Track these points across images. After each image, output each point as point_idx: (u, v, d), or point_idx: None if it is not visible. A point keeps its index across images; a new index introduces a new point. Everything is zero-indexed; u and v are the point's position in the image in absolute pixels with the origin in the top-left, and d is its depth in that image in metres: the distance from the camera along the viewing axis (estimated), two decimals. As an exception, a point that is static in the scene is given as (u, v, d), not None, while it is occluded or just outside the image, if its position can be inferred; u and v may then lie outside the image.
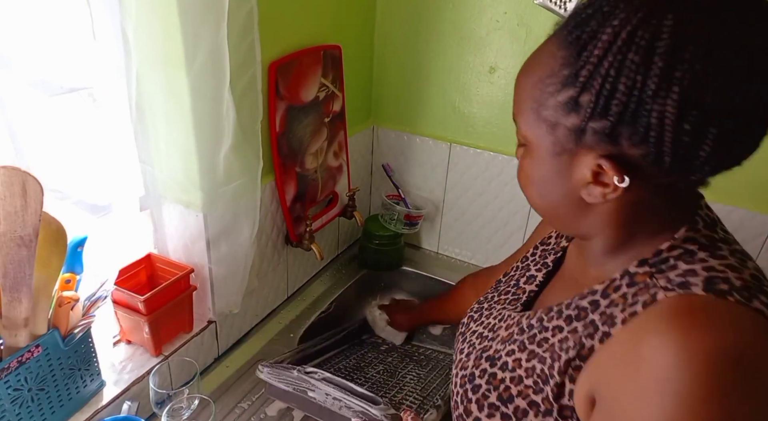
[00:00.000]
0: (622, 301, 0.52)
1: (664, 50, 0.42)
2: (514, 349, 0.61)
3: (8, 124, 0.75)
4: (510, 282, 0.75)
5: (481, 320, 0.72)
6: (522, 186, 0.58)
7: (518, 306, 0.69)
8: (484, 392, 0.62)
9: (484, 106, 1.30)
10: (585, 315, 0.55)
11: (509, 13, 1.18)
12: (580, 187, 0.51)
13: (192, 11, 0.77)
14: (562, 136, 0.50)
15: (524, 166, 0.56)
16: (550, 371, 0.55)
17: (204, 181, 0.89)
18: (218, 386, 1.02)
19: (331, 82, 1.18)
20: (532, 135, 0.53)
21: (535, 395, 0.57)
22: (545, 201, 0.56)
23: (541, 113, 0.51)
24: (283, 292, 1.27)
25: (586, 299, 0.56)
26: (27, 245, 0.67)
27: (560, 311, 0.58)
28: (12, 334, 0.72)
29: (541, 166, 0.53)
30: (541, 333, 0.59)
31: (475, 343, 0.69)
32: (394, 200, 1.41)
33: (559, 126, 0.49)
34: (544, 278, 0.70)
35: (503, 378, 0.61)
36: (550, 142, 0.51)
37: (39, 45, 0.77)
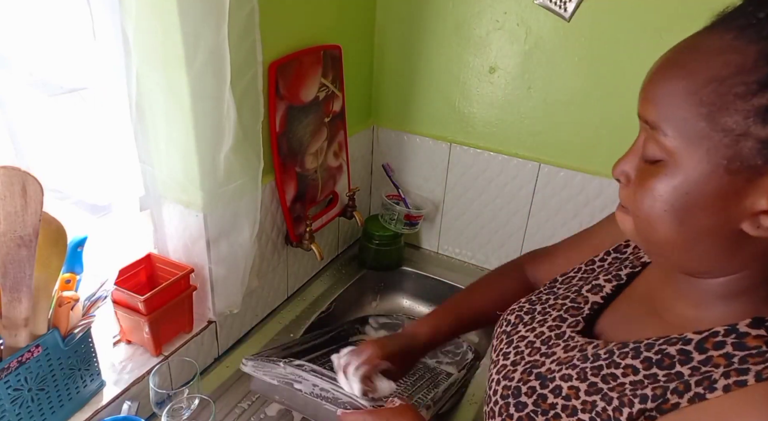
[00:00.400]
0: (725, 363, 0.44)
1: None
2: (571, 375, 0.54)
3: (8, 124, 0.75)
4: (570, 286, 0.67)
5: (533, 326, 0.64)
6: (645, 211, 0.46)
7: (579, 319, 0.61)
8: (530, 413, 0.56)
9: (484, 106, 1.30)
10: (670, 364, 0.47)
11: (509, 13, 1.18)
12: (747, 216, 0.41)
13: (192, 11, 0.77)
14: (749, 149, 0.40)
15: (657, 187, 0.45)
16: (615, 415, 0.48)
17: (204, 181, 0.89)
18: (218, 386, 1.02)
19: (331, 82, 1.18)
20: (692, 148, 0.42)
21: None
22: (683, 230, 0.45)
23: (719, 120, 0.40)
24: (283, 292, 1.27)
25: (674, 346, 0.48)
26: (27, 244, 0.67)
27: (638, 349, 0.50)
28: (12, 334, 0.71)
29: (694, 186, 0.43)
30: (610, 368, 0.52)
31: (524, 352, 0.62)
32: (394, 200, 1.41)
33: (749, 137, 0.39)
34: (613, 290, 0.62)
35: (554, 404, 0.54)
36: (724, 157, 0.41)
37: (39, 45, 0.77)
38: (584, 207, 1.27)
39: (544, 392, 0.56)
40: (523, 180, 1.31)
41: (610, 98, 1.14)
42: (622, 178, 0.49)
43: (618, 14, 1.07)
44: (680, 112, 0.42)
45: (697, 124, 0.41)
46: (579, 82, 1.16)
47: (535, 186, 1.30)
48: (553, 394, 0.55)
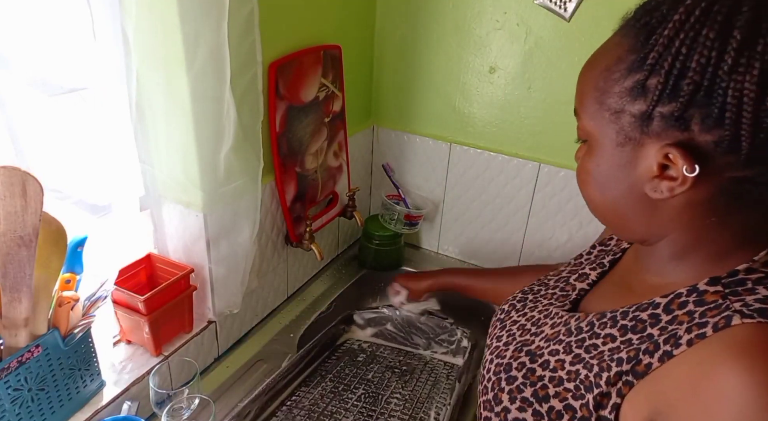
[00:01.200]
0: (687, 319, 0.47)
1: (744, 23, 0.39)
2: (558, 349, 0.59)
3: (8, 124, 0.75)
4: (560, 278, 0.72)
5: (524, 312, 0.69)
6: (581, 186, 0.55)
7: (566, 303, 0.66)
8: (519, 386, 0.60)
9: (484, 106, 1.30)
10: (642, 328, 0.51)
11: (509, 13, 1.18)
12: (645, 182, 0.48)
13: (192, 11, 0.77)
14: (627, 124, 0.47)
15: (584, 164, 0.53)
16: (596, 380, 0.52)
17: (204, 182, 0.89)
18: (218, 386, 1.02)
19: (331, 82, 1.18)
20: (594, 126, 0.50)
21: (574, 400, 0.54)
22: (606, 199, 0.53)
23: (605, 101, 0.48)
24: (283, 292, 1.27)
25: (645, 312, 0.52)
26: (27, 245, 0.67)
27: (614, 318, 0.55)
28: (12, 334, 0.72)
29: (602, 160, 0.50)
30: (591, 339, 0.56)
31: (515, 333, 0.66)
32: (394, 200, 1.41)
33: (624, 113, 0.47)
34: (598, 277, 0.67)
35: (542, 376, 0.58)
36: (613, 131, 0.48)
37: (39, 45, 0.77)
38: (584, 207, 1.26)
39: (533, 366, 0.60)
40: (523, 180, 1.31)
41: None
42: (577, 161, 0.56)
43: (618, 14, 1.06)
44: (586, 99, 0.51)
45: (594, 106, 0.50)
46: (579, 82, 1.16)
47: (535, 186, 1.30)
48: (541, 368, 0.59)
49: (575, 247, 1.31)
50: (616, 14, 0.52)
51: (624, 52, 0.47)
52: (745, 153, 0.42)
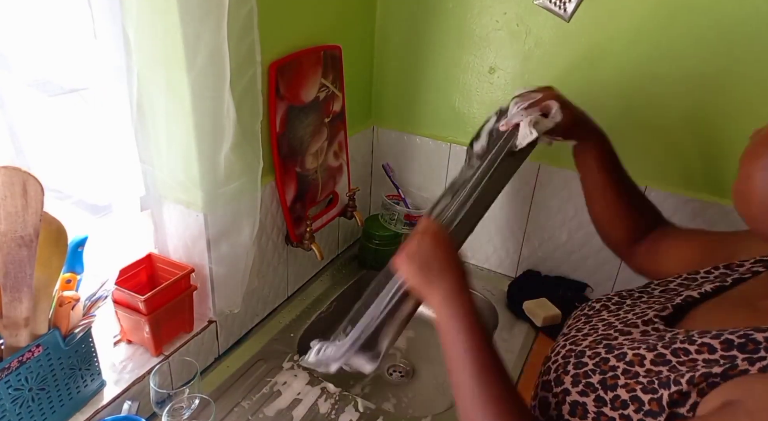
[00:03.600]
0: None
1: None
2: (640, 346, 0.56)
3: (9, 124, 0.75)
4: (667, 289, 0.67)
5: (618, 313, 0.65)
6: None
7: (668, 306, 0.62)
8: (588, 371, 0.57)
9: (484, 106, 1.30)
10: (754, 350, 0.48)
11: (509, 13, 1.18)
12: None
13: (192, 11, 0.77)
14: None
15: None
16: (676, 378, 0.50)
17: (204, 182, 0.89)
18: (218, 385, 1.02)
19: (331, 83, 1.18)
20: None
21: (644, 393, 0.52)
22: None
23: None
24: (283, 292, 1.27)
25: (763, 334, 0.48)
26: (27, 244, 0.67)
27: (720, 334, 0.51)
28: (12, 334, 0.72)
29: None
30: (683, 344, 0.53)
31: (599, 328, 0.63)
32: (394, 200, 1.41)
33: None
34: (713, 290, 0.62)
35: (615, 366, 0.56)
36: None
37: (39, 45, 0.77)
38: (584, 207, 1.26)
39: (608, 356, 0.56)
40: (523, 180, 1.31)
41: (609, 98, 1.14)
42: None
43: (618, 14, 1.07)
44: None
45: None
46: (579, 82, 1.16)
47: (535, 186, 1.30)
48: (616, 359, 0.55)
49: (575, 247, 1.31)
50: (616, 14, 0.51)
51: None
52: None
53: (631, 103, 1.12)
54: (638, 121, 1.13)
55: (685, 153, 1.13)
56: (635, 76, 1.10)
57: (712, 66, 1.03)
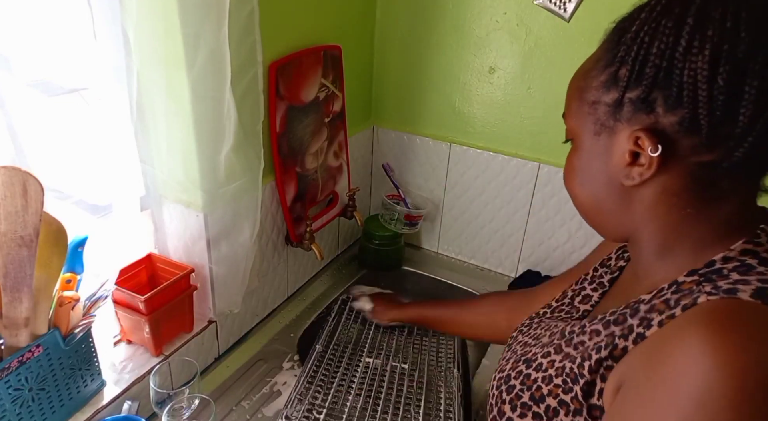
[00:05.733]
0: (663, 306, 0.49)
1: (696, 10, 0.44)
2: (550, 351, 0.61)
3: (9, 124, 0.75)
4: (564, 300, 0.73)
5: (530, 332, 0.71)
6: (566, 182, 0.59)
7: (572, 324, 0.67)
8: (518, 393, 0.61)
9: (484, 106, 1.30)
10: (624, 320, 0.53)
11: (509, 13, 1.18)
12: (620, 170, 0.50)
13: (193, 11, 0.77)
14: (603, 113, 0.51)
15: (569, 160, 0.57)
16: (579, 370, 0.54)
17: (204, 181, 0.89)
18: (218, 385, 1.02)
19: (331, 83, 1.18)
20: (576, 122, 0.55)
21: (565, 394, 0.56)
22: (587, 193, 0.56)
23: (584, 97, 0.53)
24: (283, 292, 1.27)
25: (630, 307, 0.54)
26: (28, 244, 0.67)
27: (603, 317, 0.57)
28: (12, 334, 0.72)
29: (583, 153, 0.54)
30: (579, 336, 0.58)
31: (517, 350, 0.69)
32: (394, 200, 1.41)
33: (600, 104, 0.51)
34: (600, 297, 0.68)
35: (536, 378, 0.60)
36: (591, 122, 0.52)
37: (39, 45, 0.77)
38: (584, 207, 1.27)
39: (529, 371, 0.62)
40: (523, 180, 1.31)
41: (609, 98, 1.14)
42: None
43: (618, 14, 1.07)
44: (570, 100, 0.56)
45: (575, 104, 0.55)
46: (579, 83, 1.16)
47: (535, 186, 1.31)
48: (535, 371, 0.61)
49: (575, 247, 1.31)
50: (616, 14, 0.53)
51: (601, 53, 0.52)
52: (705, 133, 0.45)
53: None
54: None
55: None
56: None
57: None
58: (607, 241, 0.75)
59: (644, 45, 0.46)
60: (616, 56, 0.49)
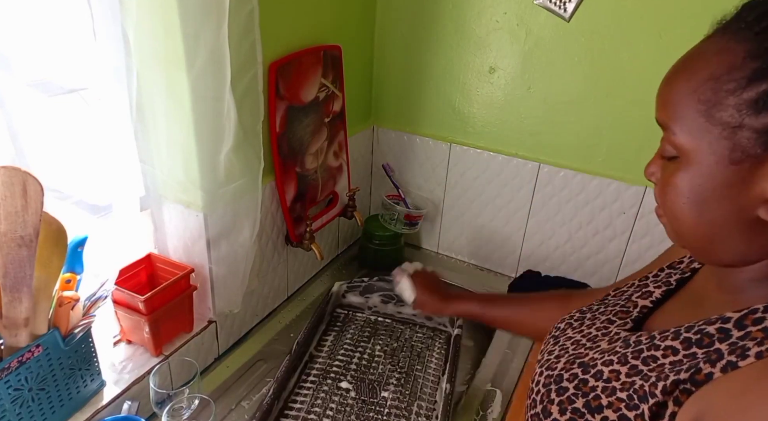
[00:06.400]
0: (762, 336, 0.44)
1: None
2: (613, 359, 0.56)
3: (8, 124, 0.75)
4: (621, 296, 0.69)
5: (581, 329, 0.66)
6: (672, 206, 0.50)
7: (627, 321, 0.62)
8: (570, 397, 0.57)
9: (484, 107, 1.30)
10: (710, 343, 0.48)
11: (509, 13, 1.18)
12: (759, 203, 0.44)
13: (193, 11, 0.77)
14: (746, 139, 0.43)
15: (675, 181, 0.48)
16: (651, 390, 0.50)
17: (204, 182, 0.89)
18: (218, 385, 1.02)
19: (331, 83, 1.18)
20: (695, 142, 0.46)
21: (628, 410, 0.51)
22: (702, 220, 0.48)
23: (715, 115, 0.44)
24: (283, 292, 1.27)
25: (713, 325, 0.48)
26: (27, 244, 0.67)
27: (678, 332, 0.51)
28: (12, 334, 0.72)
29: (706, 178, 0.46)
30: (650, 351, 0.53)
31: (569, 348, 0.64)
32: (394, 200, 1.41)
33: (743, 128, 0.43)
34: (663, 295, 0.63)
35: (595, 386, 0.56)
36: (725, 148, 0.44)
37: (39, 45, 0.77)
38: (584, 207, 1.27)
39: (585, 377, 0.57)
40: (523, 180, 1.31)
41: (609, 98, 1.14)
42: (652, 178, 0.53)
43: (618, 14, 1.07)
44: (683, 111, 0.46)
45: (697, 120, 0.45)
46: (579, 83, 1.16)
47: (535, 186, 1.30)
48: (594, 378, 0.56)
49: (575, 247, 1.31)
50: (616, 14, 0.51)
51: (739, 58, 0.43)
52: None
53: (631, 102, 1.12)
54: (639, 119, 1.13)
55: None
56: (635, 76, 1.10)
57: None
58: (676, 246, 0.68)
59: None
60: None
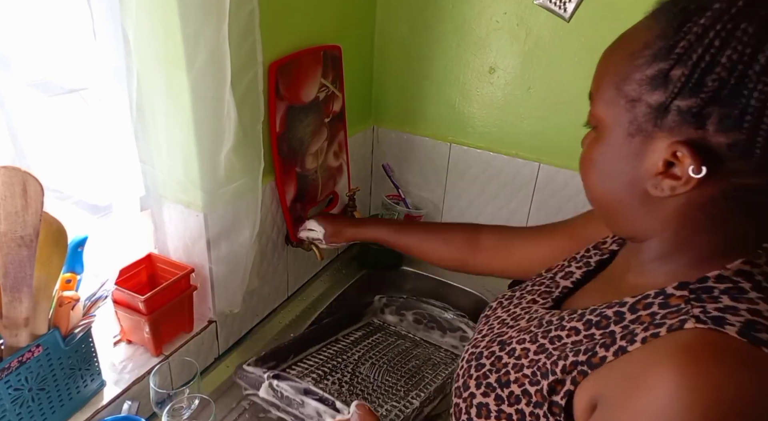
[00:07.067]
0: (649, 320, 0.48)
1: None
2: (526, 338, 0.61)
3: (8, 124, 0.75)
4: (548, 276, 0.73)
5: (509, 308, 0.70)
6: (583, 172, 0.54)
7: (549, 300, 0.66)
8: (486, 372, 0.62)
9: (484, 107, 1.30)
10: (606, 324, 0.52)
11: (509, 13, 1.18)
12: (648, 177, 0.46)
13: (193, 11, 0.77)
14: (641, 114, 0.45)
15: (590, 150, 0.52)
16: (552, 368, 0.54)
17: (205, 181, 0.89)
18: (218, 385, 1.02)
19: (331, 83, 1.18)
20: (607, 113, 0.48)
21: (530, 385, 0.56)
22: (605, 189, 0.52)
23: (623, 88, 0.46)
24: (283, 292, 1.27)
25: (612, 309, 0.52)
26: (28, 244, 0.67)
27: (583, 314, 0.55)
28: (12, 334, 0.72)
29: (609, 148, 0.49)
30: (557, 330, 0.57)
31: (495, 327, 0.68)
32: (394, 200, 1.41)
33: (641, 102, 0.45)
34: (582, 276, 0.67)
35: (507, 363, 0.60)
36: (626, 120, 0.46)
37: (39, 45, 0.77)
38: (584, 207, 1.26)
39: (501, 354, 0.62)
40: (523, 180, 1.31)
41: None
42: (582, 147, 0.55)
43: (618, 14, 1.07)
44: (604, 83, 0.49)
45: (611, 91, 0.48)
46: (579, 83, 1.16)
47: (535, 186, 1.30)
48: (507, 355, 0.61)
49: (575, 247, 1.31)
50: (616, 14, 0.52)
51: (653, 37, 0.45)
52: (756, 160, 0.41)
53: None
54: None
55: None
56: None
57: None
58: None
59: (711, 49, 0.40)
60: (673, 50, 0.42)
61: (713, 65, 0.40)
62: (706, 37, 0.40)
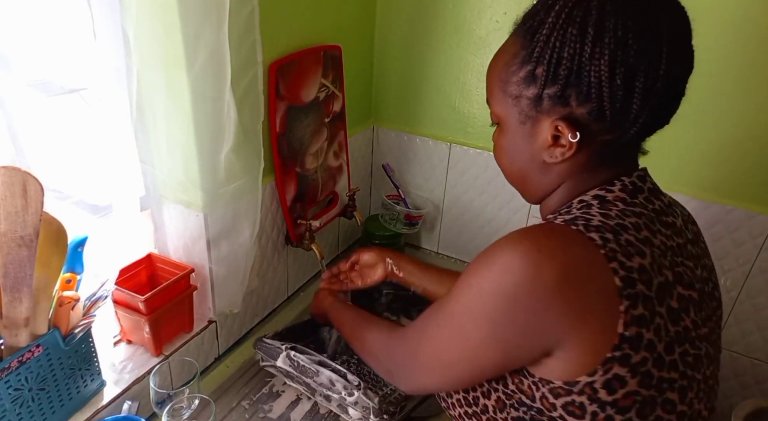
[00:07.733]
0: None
1: (594, 22, 0.53)
2: None
3: (8, 124, 0.75)
4: None
5: None
6: (497, 159, 0.69)
7: None
8: None
9: (484, 107, 1.29)
10: None
11: (509, 13, 1.18)
12: (543, 150, 0.61)
13: (193, 11, 0.77)
14: (525, 105, 0.60)
15: (498, 141, 0.67)
16: None
17: (205, 181, 0.89)
18: (218, 385, 1.02)
19: (331, 83, 1.18)
20: (501, 111, 0.63)
21: None
22: (514, 168, 0.66)
23: (507, 90, 0.61)
24: (283, 292, 1.27)
25: None
26: (28, 244, 0.67)
27: None
28: (12, 334, 0.72)
29: (510, 136, 0.64)
30: None
31: None
32: (394, 200, 1.41)
33: (522, 98, 0.60)
34: None
35: None
36: (516, 112, 0.61)
37: (39, 45, 0.77)
38: (584, 207, 1.27)
39: None
40: (523, 180, 1.31)
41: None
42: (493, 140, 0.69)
43: (618, 14, 1.07)
44: (493, 88, 0.64)
45: (499, 94, 0.63)
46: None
47: (535, 186, 1.30)
48: None
49: (575, 247, 1.31)
50: None
51: (518, 49, 0.60)
52: (609, 119, 0.56)
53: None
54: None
55: (695, 156, 1.12)
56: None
57: (714, 65, 1.03)
58: None
59: (556, 49, 0.55)
60: (532, 55, 0.57)
61: (560, 60, 0.55)
62: (549, 42, 0.55)
